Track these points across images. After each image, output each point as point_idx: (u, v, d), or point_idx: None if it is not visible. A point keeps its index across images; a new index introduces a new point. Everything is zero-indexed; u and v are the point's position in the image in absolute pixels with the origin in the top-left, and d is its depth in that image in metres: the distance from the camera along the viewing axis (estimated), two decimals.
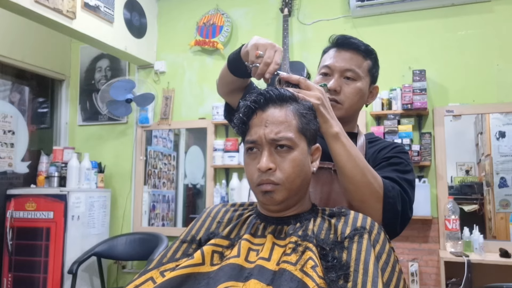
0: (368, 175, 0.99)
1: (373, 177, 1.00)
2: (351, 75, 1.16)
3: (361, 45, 1.20)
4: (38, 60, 3.52)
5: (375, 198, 0.99)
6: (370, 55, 1.21)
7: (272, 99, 0.93)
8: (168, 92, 3.47)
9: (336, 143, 0.99)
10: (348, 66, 1.16)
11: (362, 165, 0.99)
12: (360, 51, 1.19)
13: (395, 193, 1.02)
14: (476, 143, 3.14)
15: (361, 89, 1.17)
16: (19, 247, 3.03)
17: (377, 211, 1.00)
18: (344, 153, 0.99)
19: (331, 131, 0.99)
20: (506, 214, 2.81)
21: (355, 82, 1.17)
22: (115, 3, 3.06)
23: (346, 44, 1.20)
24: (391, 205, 1.01)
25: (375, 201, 0.99)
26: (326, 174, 1.12)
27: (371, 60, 1.21)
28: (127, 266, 3.41)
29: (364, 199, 0.99)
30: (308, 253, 0.83)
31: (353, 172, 0.98)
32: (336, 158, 1.00)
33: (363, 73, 1.18)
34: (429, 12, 2.89)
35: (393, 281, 0.85)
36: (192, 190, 3.76)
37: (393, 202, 1.01)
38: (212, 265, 0.88)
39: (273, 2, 3.25)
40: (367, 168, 1.00)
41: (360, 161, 1.00)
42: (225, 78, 1.22)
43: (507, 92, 2.70)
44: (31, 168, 3.42)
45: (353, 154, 0.99)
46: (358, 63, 1.18)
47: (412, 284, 2.65)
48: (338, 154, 1.00)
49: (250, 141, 0.92)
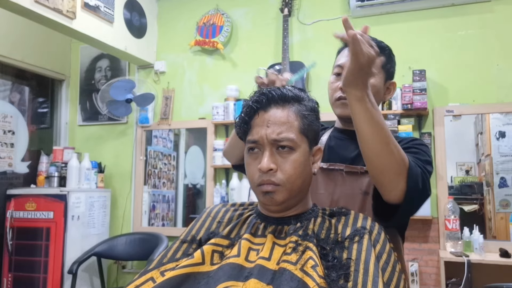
0: (392, 144, 0.92)
1: (396, 147, 0.93)
2: None
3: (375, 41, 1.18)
4: (38, 60, 3.51)
5: (397, 171, 0.92)
6: (383, 51, 1.18)
7: (274, 99, 0.92)
8: (168, 92, 3.47)
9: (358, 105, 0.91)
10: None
11: (385, 132, 0.92)
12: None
13: (418, 171, 0.96)
14: (476, 143, 3.14)
15: (374, 85, 1.14)
16: (19, 247, 3.03)
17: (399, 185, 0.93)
18: (365, 115, 0.91)
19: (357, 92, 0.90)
20: (506, 214, 2.81)
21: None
22: (115, 3, 3.05)
23: None
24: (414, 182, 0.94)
25: (397, 174, 0.93)
26: (338, 176, 1.12)
27: (385, 56, 1.19)
28: (127, 266, 3.40)
29: (383, 170, 0.93)
30: (309, 253, 0.83)
31: (373, 138, 0.92)
32: (355, 121, 0.93)
33: (376, 69, 1.15)
34: (429, 12, 2.89)
35: (393, 281, 0.85)
36: (192, 190, 3.76)
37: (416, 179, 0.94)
38: (212, 265, 0.88)
39: (273, 2, 3.25)
40: (391, 137, 0.93)
41: (384, 128, 0.92)
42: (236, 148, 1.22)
43: (507, 92, 2.69)
44: (31, 168, 3.42)
45: (376, 118, 0.91)
46: None
47: (412, 284, 2.65)
48: (357, 116, 0.92)
49: (252, 141, 0.92)
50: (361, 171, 1.10)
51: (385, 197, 0.97)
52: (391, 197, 0.96)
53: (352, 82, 0.90)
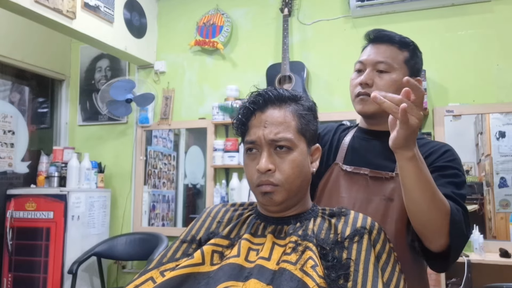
0: (437, 200, 0.90)
1: (441, 202, 0.91)
2: (384, 67, 1.11)
3: (396, 37, 1.16)
4: (38, 60, 3.51)
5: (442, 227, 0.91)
6: (407, 46, 1.16)
7: (271, 99, 0.92)
8: (168, 92, 3.47)
9: (410, 166, 0.89)
10: (380, 58, 1.12)
11: (432, 190, 0.90)
12: (394, 43, 1.14)
13: (461, 217, 0.94)
14: (476, 143, 3.14)
15: (395, 81, 1.10)
16: (19, 247, 3.03)
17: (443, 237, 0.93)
18: (415, 176, 0.89)
19: (409, 153, 0.88)
20: (506, 214, 2.81)
21: (388, 74, 1.11)
22: (115, 3, 3.05)
23: (380, 37, 1.16)
24: (459, 231, 0.93)
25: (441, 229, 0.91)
26: (362, 180, 1.09)
27: (408, 51, 1.15)
28: (127, 266, 3.40)
29: (430, 226, 0.92)
30: (308, 253, 0.83)
31: (421, 198, 0.90)
32: (405, 180, 0.91)
33: (398, 65, 1.12)
34: (429, 12, 2.88)
35: (393, 281, 0.85)
36: (192, 190, 3.76)
37: (460, 227, 0.93)
38: (212, 265, 0.88)
39: (273, 2, 3.24)
40: (436, 192, 0.91)
41: (430, 185, 0.90)
42: None
43: (507, 92, 2.69)
44: (31, 168, 3.42)
45: (425, 177, 0.90)
46: (391, 55, 1.12)
47: None
48: (408, 177, 0.90)
49: (250, 142, 0.92)
50: (386, 176, 1.07)
51: (429, 246, 0.97)
52: (436, 248, 0.95)
53: (403, 145, 0.87)
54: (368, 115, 1.13)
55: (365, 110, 1.11)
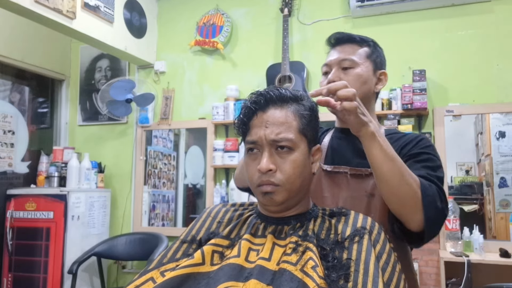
0: (406, 175, 0.95)
1: (411, 177, 0.95)
2: (348, 64, 1.16)
3: (355, 36, 1.21)
4: (38, 60, 3.51)
5: (414, 199, 0.94)
6: (366, 42, 1.21)
7: (273, 99, 0.92)
8: (168, 92, 3.47)
9: (371, 143, 0.95)
10: (342, 56, 1.17)
11: (399, 165, 0.95)
12: (354, 41, 1.20)
13: (433, 191, 0.98)
14: (476, 143, 3.14)
15: (361, 75, 1.16)
16: (19, 247, 3.03)
17: (417, 212, 0.95)
18: (381, 153, 0.94)
19: (367, 130, 0.94)
20: (506, 214, 2.81)
21: (353, 69, 1.16)
22: (115, 3, 3.05)
23: (340, 38, 1.22)
24: (432, 203, 0.96)
25: (414, 202, 0.94)
26: (343, 178, 1.11)
27: (368, 46, 1.20)
28: (127, 266, 3.40)
29: (403, 201, 0.95)
30: (309, 253, 0.83)
31: (391, 173, 0.94)
32: (372, 159, 0.96)
33: (360, 59, 1.17)
34: (429, 12, 2.89)
35: (393, 281, 0.85)
36: (192, 190, 3.76)
37: (432, 200, 0.96)
38: (212, 265, 0.88)
39: (273, 2, 3.25)
40: (404, 167, 0.96)
41: (397, 161, 0.95)
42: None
43: (507, 92, 2.69)
44: (31, 168, 3.42)
45: (390, 154, 0.95)
46: (353, 51, 1.18)
47: None
48: (373, 154, 0.95)
49: (251, 142, 0.92)
50: (366, 173, 1.09)
51: (409, 226, 0.98)
52: (415, 226, 0.97)
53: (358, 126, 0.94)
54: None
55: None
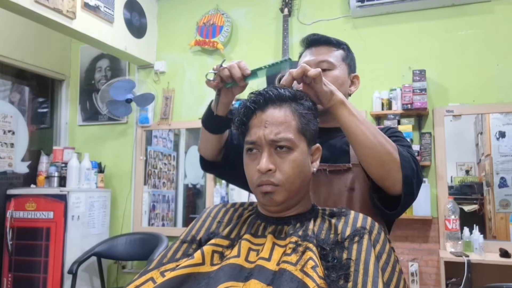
0: (380, 137, 0.99)
1: (385, 139, 1.00)
2: (326, 66, 1.19)
3: (330, 38, 1.24)
4: (38, 60, 3.51)
5: (392, 160, 0.98)
6: (340, 45, 1.24)
7: (272, 99, 0.92)
8: (168, 92, 3.47)
9: (343, 110, 0.98)
10: (321, 58, 1.20)
11: (372, 127, 0.99)
12: (330, 43, 1.23)
13: (407, 154, 1.02)
14: (476, 143, 3.14)
15: (338, 77, 1.19)
16: (19, 247, 3.03)
17: (396, 171, 0.98)
18: (353, 117, 0.98)
19: (336, 97, 0.98)
20: (506, 214, 2.81)
21: (331, 71, 1.19)
22: (115, 3, 3.05)
23: (315, 40, 1.25)
24: (407, 163, 0.99)
25: (393, 162, 0.98)
26: (322, 176, 1.12)
27: (343, 50, 1.24)
28: (127, 266, 3.40)
29: (381, 161, 0.98)
30: (309, 253, 0.83)
31: (365, 135, 0.97)
32: (345, 125, 0.99)
33: (337, 62, 1.21)
34: (429, 12, 2.89)
35: (393, 281, 0.85)
36: (192, 190, 3.76)
37: (408, 160, 1.00)
38: (212, 265, 0.88)
39: (273, 2, 3.25)
40: (377, 131, 1.00)
41: (369, 123, 1.00)
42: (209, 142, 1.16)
43: (507, 92, 2.69)
44: (31, 168, 3.42)
45: (362, 118, 0.99)
46: (330, 53, 1.22)
47: (412, 284, 2.65)
48: (347, 121, 0.98)
49: (250, 142, 0.92)
50: (344, 168, 1.12)
51: (389, 189, 1.01)
52: (396, 187, 0.99)
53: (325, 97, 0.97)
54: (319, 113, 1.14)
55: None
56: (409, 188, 0.99)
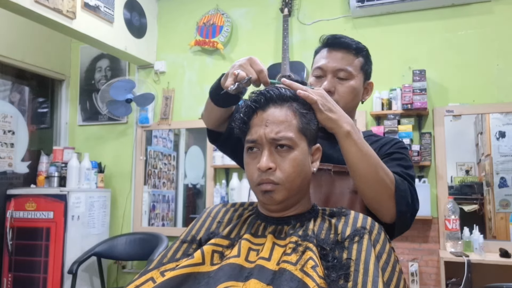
0: (381, 172, 0.99)
1: (385, 174, 1.00)
2: (344, 75, 1.17)
3: (352, 44, 1.20)
4: (38, 60, 3.52)
5: (388, 194, 0.99)
6: (361, 52, 1.20)
7: (273, 98, 0.93)
8: (168, 92, 3.47)
9: (347, 142, 0.98)
10: (340, 66, 1.17)
11: (374, 162, 0.99)
12: (351, 49, 1.19)
13: (405, 187, 1.03)
14: (476, 143, 3.15)
15: (355, 88, 1.18)
16: (19, 247, 3.03)
17: (390, 206, 1.00)
18: (357, 151, 0.98)
19: (341, 130, 0.98)
20: (506, 214, 2.81)
21: (348, 81, 1.17)
22: (115, 3, 3.05)
23: (337, 44, 1.20)
24: (404, 198, 1.01)
25: (388, 197, 0.99)
26: (326, 175, 1.12)
27: (363, 57, 1.21)
28: (127, 266, 3.41)
29: (377, 196, 1.00)
30: (309, 253, 0.83)
31: (366, 170, 0.98)
32: (348, 156, 1.00)
33: (356, 71, 1.18)
34: (429, 12, 2.89)
35: (393, 281, 0.85)
36: (192, 190, 3.76)
37: (404, 195, 1.01)
38: (212, 265, 0.88)
39: (273, 2, 3.25)
40: (379, 164, 1.00)
41: (372, 158, 0.99)
42: (213, 113, 1.17)
43: (507, 92, 2.69)
44: (31, 168, 3.42)
45: (366, 151, 0.99)
46: (350, 62, 1.18)
47: (412, 284, 2.65)
48: (350, 152, 0.99)
49: (251, 141, 0.92)
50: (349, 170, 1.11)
51: (381, 219, 1.03)
52: (387, 219, 1.02)
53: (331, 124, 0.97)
54: None
55: None
56: (402, 222, 1.02)
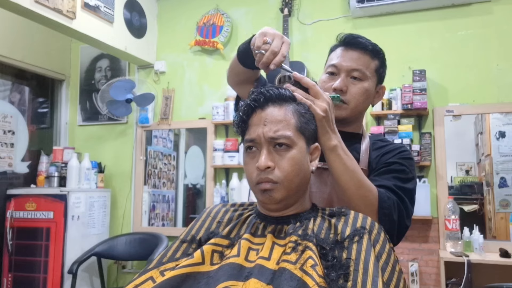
0: (363, 188, 1.00)
1: (368, 190, 1.00)
2: (358, 75, 1.15)
3: (369, 45, 1.18)
4: (38, 60, 3.52)
5: (369, 211, 0.99)
6: (378, 55, 1.19)
7: (272, 98, 0.93)
8: (168, 92, 3.47)
9: (332, 156, 1.00)
10: (355, 66, 1.15)
11: (357, 178, 1.00)
12: (367, 51, 1.17)
13: (390, 203, 1.01)
14: (476, 143, 3.14)
15: (367, 90, 1.16)
16: (19, 247, 3.03)
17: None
18: (340, 165, 0.99)
19: (329, 144, 0.99)
20: (506, 214, 2.81)
21: (361, 82, 1.15)
22: (115, 3, 3.06)
23: (354, 44, 1.18)
24: (387, 216, 1.00)
25: (370, 213, 0.98)
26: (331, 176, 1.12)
27: (379, 60, 1.19)
28: (127, 266, 3.40)
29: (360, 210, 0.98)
30: (308, 252, 0.83)
31: (347, 185, 0.99)
32: (332, 170, 1.01)
33: (370, 73, 1.16)
34: (429, 12, 2.89)
35: (393, 280, 0.85)
36: (192, 190, 3.76)
37: (388, 212, 1.01)
38: (212, 265, 0.88)
39: (273, 2, 3.25)
40: (362, 181, 1.00)
41: (356, 174, 1.00)
42: (235, 69, 1.23)
43: (507, 92, 2.69)
44: (31, 168, 3.42)
45: (349, 167, 1.00)
46: (365, 63, 1.16)
47: (412, 284, 2.65)
48: (333, 166, 1.00)
49: (249, 140, 0.93)
50: None
51: None
52: None
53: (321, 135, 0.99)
54: (340, 119, 1.14)
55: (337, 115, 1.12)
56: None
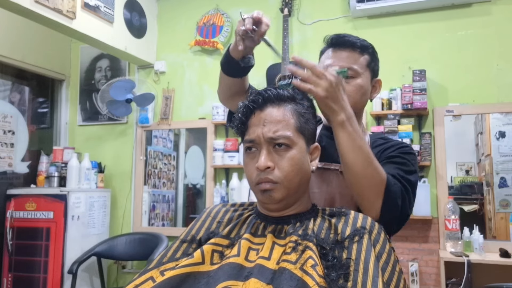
0: (371, 167, 0.97)
1: (375, 170, 0.98)
2: (350, 73, 1.15)
3: (357, 42, 1.19)
4: (38, 60, 3.52)
5: (375, 192, 0.97)
6: (367, 49, 1.19)
7: (270, 98, 0.93)
8: (168, 92, 3.47)
9: (340, 131, 0.98)
10: (345, 65, 1.15)
11: (365, 156, 0.97)
12: (356, 48, 1.18)
13: (397, 189, 1.00)
14: (476, 143, 3.14)
15: (362, 86, 1.16)
16: (19, 247, 3.03)
17: (376, 206, 0.98)
18: (348, 142, 0.97)
19: (336, 119, 0.97)
20: (506, 214, 2.81)
21: (355, 79, 1.15)
22: (115, 3, 3.05)
23: (342, 43, 1.19)
24: (392, 200, 0.99)
25: (375, 194, 0.97)
26: (333, 175, 1.12)
27: (369, 54, 1.19)
28: (127, 266, 3.40)
29: (363, 191, 0.98)
30: (308, 252, 0.83)
31: (354, 163, 0.97)
32: (339, 147, 0.99)
33: (362, 69, 1.17)
34: (429, 12, 2.88)
35: (393, 280, 0.85)
36: (192, 190, 3.76)
37: (394, 196, 0.99)
38: (212, 264, 0.88)
39: (273, 2, 3.25)
40: (371, 159, 0.98)
41: (364, 152, 0.97)
42: (224, 82, 1.24)
43: (507, 92, 2.69)
44: (31, 168, 3.42)
45: (357, 144, 0.97)
46: (355, 60, 1.16)
47: (412, 284, 2.65)
48: (340, 143, 0.98)
49: (249, 141, 0.93)
50: None
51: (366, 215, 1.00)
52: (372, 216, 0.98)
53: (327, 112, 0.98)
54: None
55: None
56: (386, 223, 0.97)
